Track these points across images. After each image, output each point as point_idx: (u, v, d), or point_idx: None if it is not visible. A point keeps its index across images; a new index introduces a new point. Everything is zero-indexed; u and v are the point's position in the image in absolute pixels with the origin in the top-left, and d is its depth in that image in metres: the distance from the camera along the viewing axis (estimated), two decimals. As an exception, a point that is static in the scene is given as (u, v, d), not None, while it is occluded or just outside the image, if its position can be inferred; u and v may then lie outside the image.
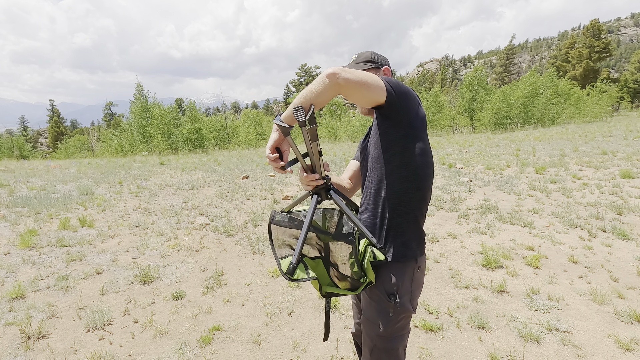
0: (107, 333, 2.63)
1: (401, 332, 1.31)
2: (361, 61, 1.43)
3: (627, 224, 4.77)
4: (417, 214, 1.30)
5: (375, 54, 1.45)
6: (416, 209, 1.30)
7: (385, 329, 1.28)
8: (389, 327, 1.27)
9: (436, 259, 3.88)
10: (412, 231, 1.30)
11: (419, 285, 1.33)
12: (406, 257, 1.28)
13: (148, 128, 26.87)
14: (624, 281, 3.25)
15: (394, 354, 1.31)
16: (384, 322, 1.27)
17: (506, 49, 73.76)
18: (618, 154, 10.74)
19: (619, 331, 2.51)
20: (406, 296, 1.28)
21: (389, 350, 1.30)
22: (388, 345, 1.29)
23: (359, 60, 1.44)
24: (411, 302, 1.29)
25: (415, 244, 1.30)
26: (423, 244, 1.35)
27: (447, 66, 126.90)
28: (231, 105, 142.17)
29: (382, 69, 1.44)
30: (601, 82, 38.52)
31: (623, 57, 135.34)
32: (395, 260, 1.27)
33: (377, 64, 1.43)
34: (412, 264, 1.29)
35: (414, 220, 1.30)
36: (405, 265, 1.28)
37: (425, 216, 1.36)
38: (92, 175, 10.90)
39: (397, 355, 1.31)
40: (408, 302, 1.28)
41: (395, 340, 1.30)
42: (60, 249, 4.32)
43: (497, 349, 2.36)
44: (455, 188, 7.53)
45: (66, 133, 59.72)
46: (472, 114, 33.59)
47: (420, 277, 1.34)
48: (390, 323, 1.27)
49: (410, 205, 1.28)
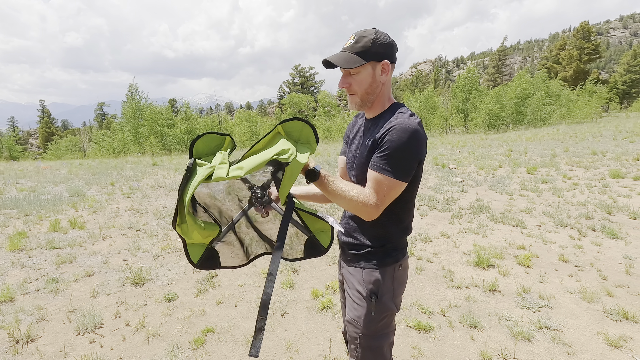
0: (98, 336, 2.60)
1: (385, 330, 1.31)
2: (357, 51, 1.19)
3: (616, 223, 4.84)
4: (403, 218, 1.31)
5: (377, 38, 1.19)
6: (404, 216, 1.31)
7: (368, 328, 1.28)
8: (371, 325, 1.28)
9: (429, 259, 3.91)
10: (396, 239, 1.31)
11: (401, 284, 1.33)
12: (386, 264, 1.29)
13: (141, 129, 26.66)
14: (612, 279, 3.30)
15: (379, 352, 1.31)
16: (367, 321, 1.28)
17: (498, 50, 74.48)
18: (607, 154, 10.91)
19: (607, 329, 2.54)
20: (387, 295, 1.28)
21: (374, 348, 1.31)
22: (372, 343, 1.30)
23: (355, 50, 1.20)
24: (393, 300, 1.30)
25: (397, 251, 1.31)
26: (405, 247, 1.35)
27: (440, 67, 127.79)
28: (225, 105, 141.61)
29: (380, 63, 1.21)
30: (590, 83, 39.05)
31: (612, 59, 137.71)
32: (379, 267, 1.29)
33: (375, 57, 1.19)
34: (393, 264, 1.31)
35: (401, 228, 1.31)
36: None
37: (412, 216, 1.35)
38: (84, 176, 10.78)
39: (382, 353, 1.32)
40: (390, 301, 1.29)
41: (380, 339, 1.31)
42: (50, 251, 4.26)
43: (489, 348, 2.38)
44: (448, 188, 7.58)
45: (57, 134, 58.96)
46: (465, 114, 33.87)
47: (403, 275, 1.34)
48: (372, 322, 1.28)
49: (397, 216, 1.29)
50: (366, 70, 1.21)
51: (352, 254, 1.34)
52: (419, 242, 4.45)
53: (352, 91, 1.25)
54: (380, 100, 1.28)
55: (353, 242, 1.34)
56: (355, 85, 1.23)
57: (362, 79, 1.22)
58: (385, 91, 1.28)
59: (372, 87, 1.23)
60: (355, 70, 1.21)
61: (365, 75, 1.21)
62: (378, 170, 1.14)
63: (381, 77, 1.23)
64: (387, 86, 1.27)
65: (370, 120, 1.32)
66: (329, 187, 1.16)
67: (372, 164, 1.17)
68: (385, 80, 1.25)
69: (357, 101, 1.27)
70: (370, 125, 1.30)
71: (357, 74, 1.21)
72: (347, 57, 1.19)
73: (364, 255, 1.30)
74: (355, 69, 1.20)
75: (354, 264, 1.33)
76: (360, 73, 1.21)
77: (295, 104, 47.64)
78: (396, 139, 1.12)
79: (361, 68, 1.20)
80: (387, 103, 1.29)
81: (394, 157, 1.13)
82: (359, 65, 1.18)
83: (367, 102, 1.27)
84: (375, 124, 1.27)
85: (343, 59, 1.19)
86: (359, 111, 1.39)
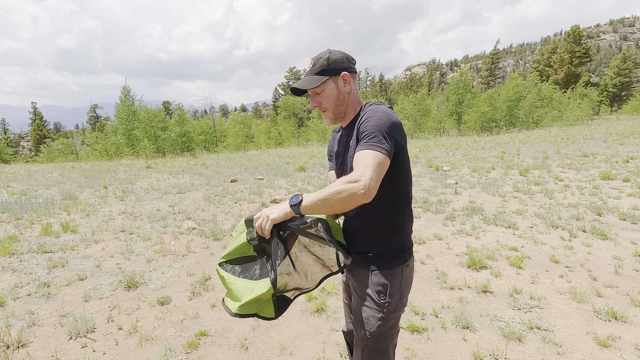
0: (90, 340, 2.58)
1: (391, 331, 1.34)
2: (316, 72, 1.31)
3: (605, 224, 4.92)
4: (406, 223, 1.37)
5: (330, 56, 1.31)
6: (405, 218, 1.36)
7: (376, 329, 1.30)
8: (380, 327, 1.30)
9: (422, 261, 3.94)
10: (401, 241, 1.35)
11: (408, 284, 1.37)
12: (394, 265, 1.32)
13: (134, 131, 26.47)
14: (602, 280, 3.35)
15: (384, 353, 1.33)
16: (375, 322, 1.30)
17: (491, 54, 75.28)
18: (598, 156, 11.07)
19: (597, 328, 2.58)
20: (396, 295, 1.31)
21: (380, 349, 1.33)
22: (379, 344, 1.32)
23: (314, 71, 1.31)
24: (401, 300, 1.33)
25: (404, 252, 1.36)
26: (411, 247, 1.39)
27: (434, 70, 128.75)
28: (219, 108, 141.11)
29: (340, 75, 1.31)
30: (581, 86, 39.62)
31: (603, 62, 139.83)
32: (388, 269, 1.32)
33: (334, 72, 1.30)
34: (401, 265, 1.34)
35: (402, 232, 1.36)
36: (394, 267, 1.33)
37: (412, 218, 1.41)
38: (76, 179, 10.68)
39: (387, 354, 1.34)
40: (398, 302, 1.32)
41: (386, 340, 1.33)
42: (41, 255, 4.22)
43: (481, 349, 2.40)
44: (441, 190, 7.64)
45: (49, 136, 58.31)
46: (458, 117, 34.15)
47: (409, 275, 1.37)
48: (381, 323, 1.30)
49: (398, 216, 1.34)
50: (329, 86, 1.32)
51: (360, 257, 1.36)
52: (414, 244, 4.48)
53: (324, 108, 1.35)
54: (351, 107, 1.38)
55: (360, 245, 1.36)
56: (324, 102, 1.33)
57: (329, 94, 1.33)
58: (353, 99, 1.37)
59: (340, 98, 1.34)
60: (320, 88, 1.32)
61: (330, 90, 1.32)
62: (360, 149, 1.18)
63: (344, 87, 1.33)
64: (353, 94, 1.37)
65: (347, 127, 1.41)
66: (314, 203, 1.14)
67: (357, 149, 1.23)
68: (350, 90, 1.35)
69: (330, 116, 1.37)
70: (349, 130, 1.38)
71: (323, 91, 1.33)
72: (309, 79, 1.31)
73: (373, 258, 1.32)
74: (320, 87, 1.31)
75: (362, 266, 1.35)
76: (325, 90, 1.32)
77: (290, 106, 47.68)
78: (367, 119, 1.22)
79: (324, 85, 1.31)
80: (358, 107, 1.39)
81: (368, 134, 1.18)
82: (321, 83, 1.29)
83: (339, 114, 1.37)
84: (352, 127, 1.35)
85: (306, 82, 1.31)
86: (335, 124, 1.47)
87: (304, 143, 34.36)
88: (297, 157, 17.33)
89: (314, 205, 1.13)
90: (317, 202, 1.12)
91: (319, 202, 1.12)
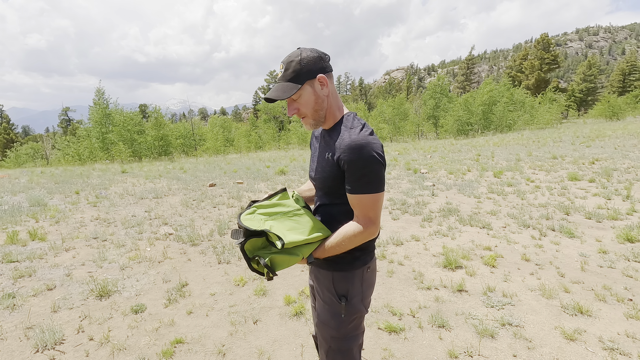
0: (59, 352, 2.48)
1: (355, 332, 1.34)
2: (289, 78, 1.21)
3: (573, 223, 5.15)
4: None
5: (303, 58, 1.20)
6: None
7: (338, 330, 1.31)
8: (342, 328, 1.31)
9: (400, 262, 4.00)
10: (364, 244, 1.33)
11: (369, 285, 1.37)
12: (355, 267, 1.32)
13: (109, 135, 25.62)
14: (569, 276, 3.50)
15: (348, 354, 1.34)
16: (337, 324, 1.31)
17: (467, 59, 77.64)
18: (566, 158, 11.58)
19: (564, 323, 2.70)
20: (357, 297, 1.32)
21: (344, 350, 1.33)
22: (343, 345, 1.33)
23: (287, 77, 1.21)
24: (362, 302, 1.33)
25: (365, 254, 1.34)
26: (372, 250, 1.38)
27: (412, 74, 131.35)
28: (199, 111, 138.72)
29: (316, 79, 1.22)
30: (551, 91, 41.43)
31: (570, 69, 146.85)
32: (348, 270, 1.32)
33: (309, 76, 1.21)
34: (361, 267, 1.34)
35: None
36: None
37: None
38: (46, 185, 10.23)
39: (352, 355, 1.35)
40: (359, 303, 1.32)
41: (350, 341, 1.34)
42: (6, 265, 4.02)
43: (456, 346, 2.46)
44: (419, 192, 7.79)
45: (17, 140, 55.68)
46: (435, 120, 34.95)
47: (371, 277, 1.38)
48: (343, 324, 1.31)
49: None
50: (306, 91, 1.22)
51: (323, 260, 1.35)
52: (391, 246, 4.54)
53: (302, 114, 1.27)
54: (331, 111, 1.29)
55: None
56: (303, 108, 1.25)
57: (306, 100, 1.24)
58: (333, 102, 1.29)
59: (318, 103, 1.25)
60: (296, 95, 1.22)
61: (307, 95, 1.23)
62: (357, 192, 1.19)
63: (322, 90, 1.24)
64: (332, 97, 1.28)
65: (327, 131, 1.34)
66: (327, 252, 1.28)
67: (349, 189, 1.20)
68: (328, 92, 1.26)
69: (310, 122, 1.29)
70: (327, 136, 1.32)
71: (299, 97, 1.23)
72: (283, 86, 1.21)
73: (334, 260, 1.32)
74: (296, 94, 1.22)
75: (324, 268, 1.35)
76: (302, 96, 1.23)
77: (270, 109, 47.43)
78: (355, 159, 1.15)
79: (300, 91, 1.21)
80: (338, 113, 1.31)
81: (363, 176, 1.16)
82: (296, 90, 1.19)
83: (319, 119, 1.29)
84: (330, 136, 1.30)
85: (281, 91, 1.20)
86: (317, 128, 1.41)
87: (284, 146, 34.23)
88: (278, 160, 17.25)
89: (325, 252, 1.28)
90: (328, 248, 1.28)
91: (330, 248, 1.27)
